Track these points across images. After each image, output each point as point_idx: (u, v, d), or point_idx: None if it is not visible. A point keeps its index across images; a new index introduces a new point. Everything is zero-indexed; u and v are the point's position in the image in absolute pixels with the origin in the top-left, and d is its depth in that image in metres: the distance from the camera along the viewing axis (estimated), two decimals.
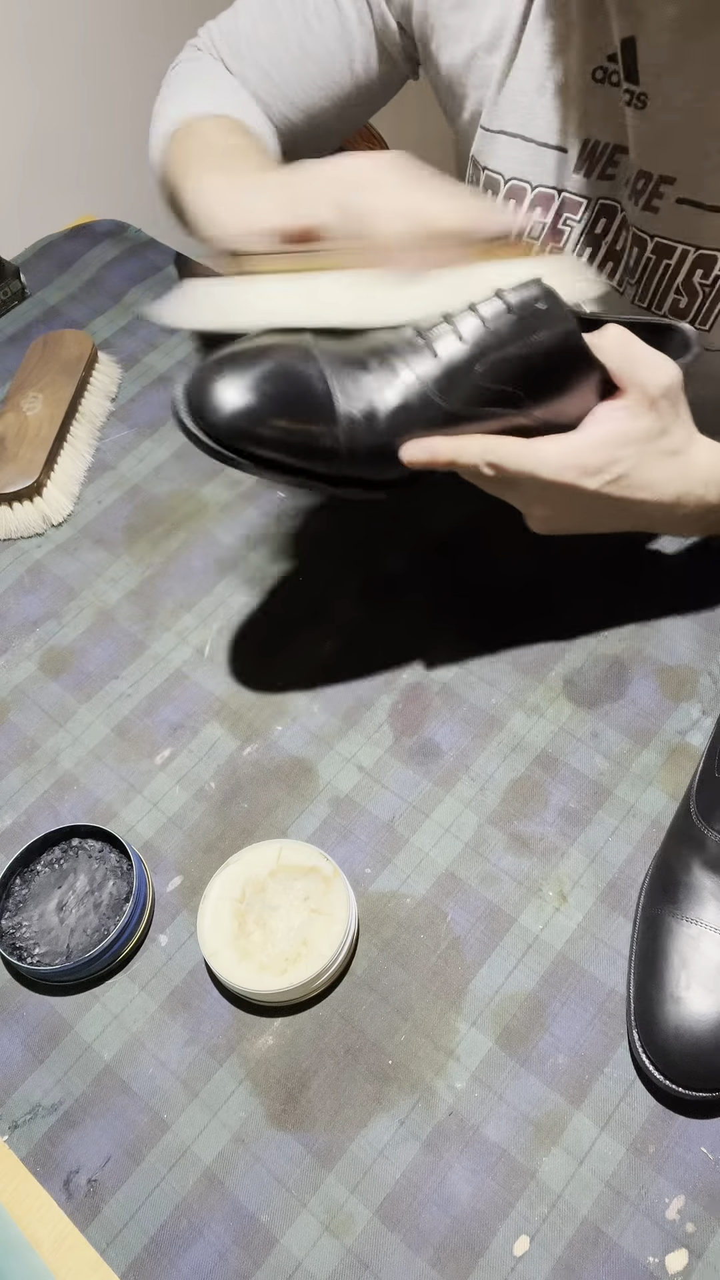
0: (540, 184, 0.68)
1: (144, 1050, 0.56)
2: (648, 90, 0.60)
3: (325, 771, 0.65)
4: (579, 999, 0.55)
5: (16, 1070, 0.56)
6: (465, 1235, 0.50)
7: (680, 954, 0.52)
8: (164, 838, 0.64)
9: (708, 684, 0.66)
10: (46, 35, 1.28)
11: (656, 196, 0.63)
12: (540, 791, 0.63)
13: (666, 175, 0.62)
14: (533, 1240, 0.49)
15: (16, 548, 0.80)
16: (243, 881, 0.57)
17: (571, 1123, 0.52)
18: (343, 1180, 0.51)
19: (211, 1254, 0.50)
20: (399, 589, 0.73)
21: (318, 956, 0.54)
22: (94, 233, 1.02)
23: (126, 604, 0.75)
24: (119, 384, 0.89)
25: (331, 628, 0.71)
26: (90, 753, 0.68)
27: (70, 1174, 0.53)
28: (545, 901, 0.59)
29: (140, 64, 1.41)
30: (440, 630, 0.70)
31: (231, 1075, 0.55)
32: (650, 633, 0.68)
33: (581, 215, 0.68)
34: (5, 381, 0.91)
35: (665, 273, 0.65)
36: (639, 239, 0.65)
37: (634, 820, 0.61)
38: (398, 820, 0.62)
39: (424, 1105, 0.53)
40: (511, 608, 0.70)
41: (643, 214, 0.64)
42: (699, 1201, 0.49)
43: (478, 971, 0.57)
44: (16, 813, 0.66)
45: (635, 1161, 0.51)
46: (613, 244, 0.68)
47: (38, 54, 1.28)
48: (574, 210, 0.68)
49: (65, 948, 0.58)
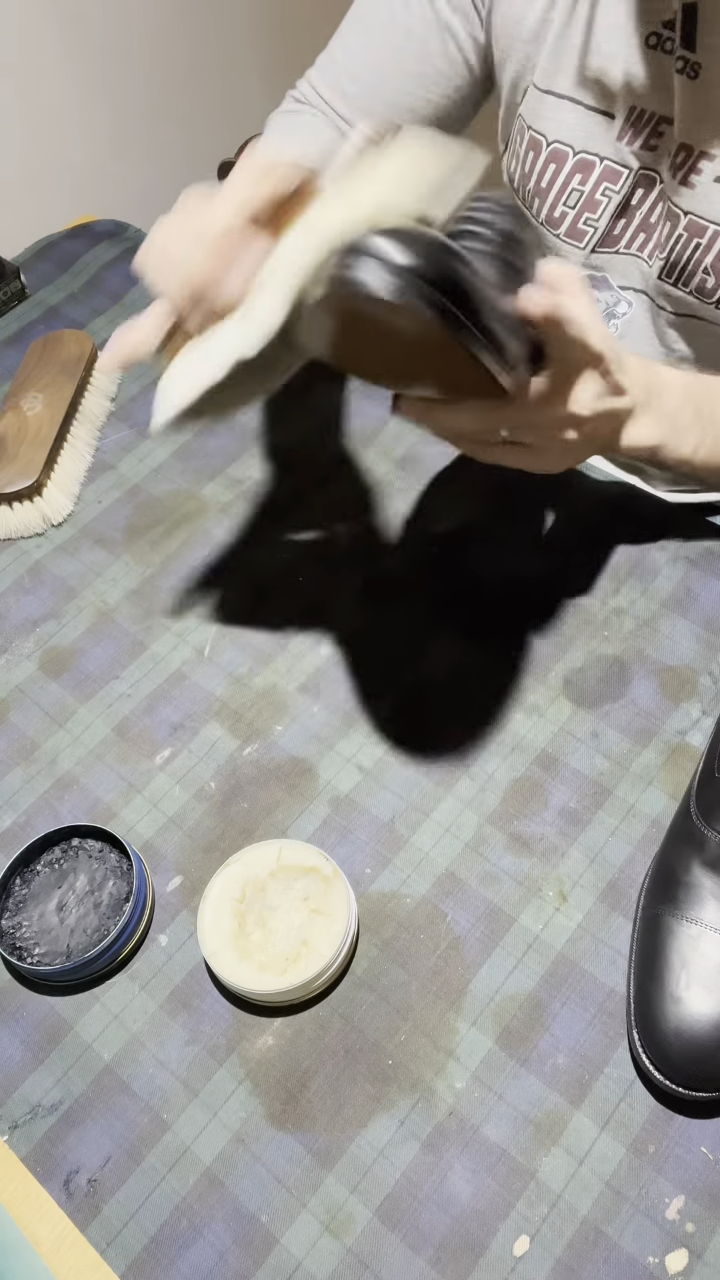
0: (583, 149, 0.68)
1: (144, 1050, 0.56)
2: (703, 60, 0.59)
3: (325, 771, 0.65)
4: (579, 999, 0.55)
5: (16, 1070, 0.56)
6: (465, 1235, 0.50)
7: (680, 954, 0.52)
8: (164, 838, 0.64)
9: (708, 684, 0.66)
10: (47, 35, 1.28)
11: (694, 171, 0.62)
12: (540, 791, 0.63)
13: (707, 151, 0.61)
14: (533, 1240, 0.49)
15: (16, 548, 0.80)
16: (243, 881, 0.57)
17: (571, 1123, 0.52)
18: (343, 1180, 0.51)
19: (211, 1254, 0.50)
20: (399, 589, 0.73)
21: (318, 956, 0.54)
22: (94, 233, 1.02)
23: (126, 604, 0.75)
24: (119, 384, 0.89)
25: (331, 628, 0.71)
26: (90, 753, 0.68)
27: (70, 1174, 0.53)
28: (545, 901, 0.59)
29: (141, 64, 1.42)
30: (440, 630, 0.70)
31: (231, 1075, 0.55)
32: (650, 633, 0.68)
33: (621, 185, 0.68)
34: (5, 381, 0.91)
35: (695, 251, 0.65)
36: (672, 213, 0.65)
37: (634, 820, 0.61)
38: (398, 820, 0.62)
39: (424, 1105, 0.53)
40: (512, 608, 0.70)
41: (679, 188, 0.63)
42: (699, 1201, 0.49)
43: (478, 971, 0.57)
44: (16, 813, 0.66)
45: (635, 1161, 0.51)
46: (647, 216, 0.68)
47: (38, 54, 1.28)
48: (613, 180, 0.68)
49: (65, 948, 0.58)
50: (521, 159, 0.72)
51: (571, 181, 0.69)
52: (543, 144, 0.69)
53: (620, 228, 0.70)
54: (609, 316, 0.75)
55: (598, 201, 0.69)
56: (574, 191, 0.70)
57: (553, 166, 0.70)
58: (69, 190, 1.39)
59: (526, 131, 0.70)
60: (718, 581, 0.70)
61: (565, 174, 0.69)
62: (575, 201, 0.70)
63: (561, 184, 0.70)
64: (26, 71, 1.27)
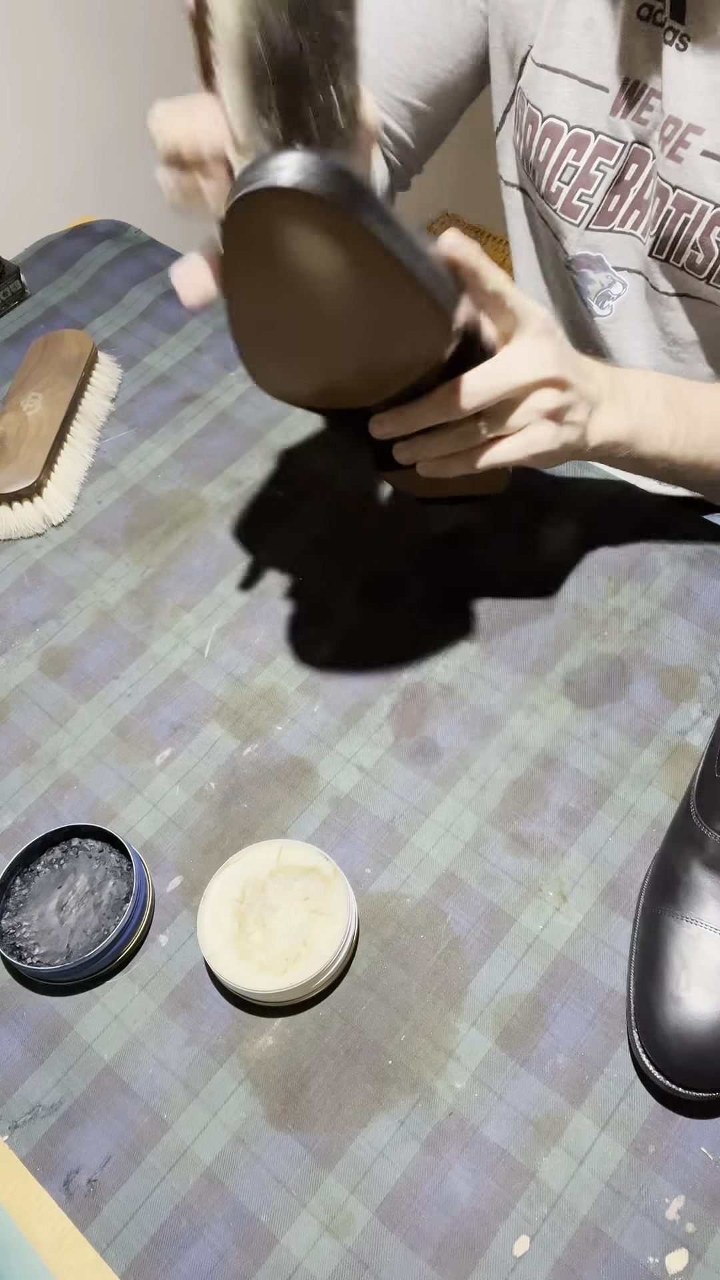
0: (578, 124, 0.68)
1: (144, 1050, 0.56)
2: (691, 32, 0.59)
3: (325, 771, 0.65)
4: (579, 999, 0.55)
5: (16, 1070, 0.56)
6: (465, 1235, 0.50)
7: (680, 954, 0.52)
8: (164, 838, 0.64)
9: (708, 684, 0.66)
10: (47, 35, 1.28)
11: (682, 145, 0.62)
12: (540, 791, 0.63)
13: (695, 124, 0.61)
14: (533, 1240, 0.49)
15: (16, 548, 0.80)
16: (243, 882, 0.57)
17: (571, 1123, 0.52)
18: (343, 1180, 0.51)
19: (211, 1254, 0.50)
20: (399, 589, 0.73)
21: (318, 956, 0.54)
22: (94, 233, 1.02)
23: (126, 604, 0.75)
24: (119, 384, 0.89)
25: (331, 628, 0.71)
26: (90, 753, 0.68)
27: (70, 1174, 0.53)
28: (545, 901, 0.59)
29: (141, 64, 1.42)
30: (440, 630, 0.70)
31: (231, 1075, 0.55)
32: (650, 633, 0.68)
33: (615, 160, 0.67)
34: (5, 381, 0.91)
35: (684, 226, 0.65)
36: (662, 189, 0.65)
37: (634, 820, 0.61)
38: (398, 820, 0.62)
39: (424, 1105, 0.53)
40: (512, 608, 0.70)
41: (667, 162, 0.63)
42: (699, 1201, 0.49)
43: (478, 971, 0.57)
44: (16, 813, 0.66)
45: (635, 1161, 0.51)
46: (640, 193, 0.68)
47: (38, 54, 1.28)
48: (608, 155, 0.68)
49: (65, 948, 0.58)
50: (523, 132, 0.72)
51: (566, 156, 0.69)
52: (539, 118, 0.69)
53: (615, 204, 0.70)
54: (604, 298, 0.75)
55: (592, 177, 0.69)
56: (569, 167, 0.69)
57: (549, 141, 0.69)
58: (69, 190, 1.39)
59: (526, 105, 0.70)
60: (718, 581, 0.70)
61: (560, 149, 0.69)
62: (570, 177, 0.70)
63: (557, 159, 0.70)
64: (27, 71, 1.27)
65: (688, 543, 0.72)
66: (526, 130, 0.71)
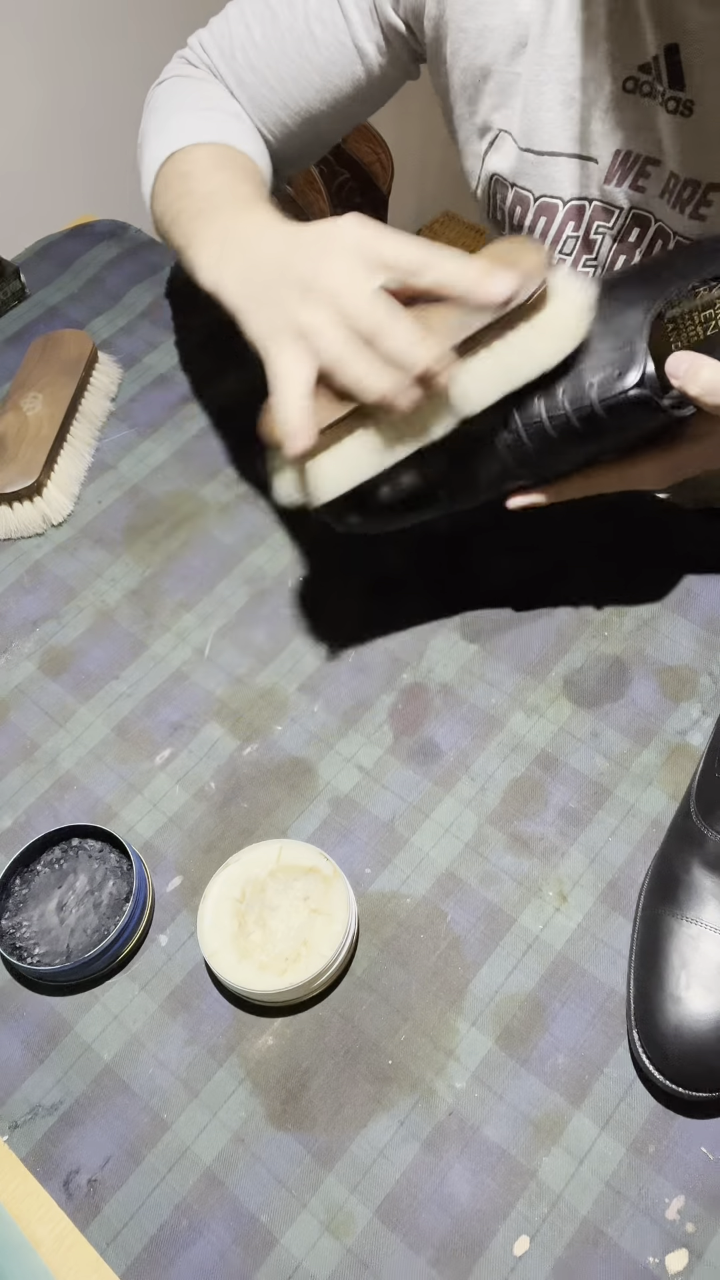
0: (572, 197, 0.67)
1: (144, 1050, 0.56)
2: (695, 97, 0.58)
3: (325, 771, 0.65)
4: (579, 999, 0.55)
5: (16, 1070, 0.56)
6: (465, 1235, 0.50)
7: (680, 954, 0.52)
8: (164, 838, 0.64)
9: (708, 684, 0.66)
10: (47, 35, 1.28)
11: (705, 204, 0.61)
12: (540, 791, 0.63)
13: (717, 183, 0.61)
14: (533, 1240, 0.49)
15: (16, 548, 0.80)
16: (243, 881, 0.57)
17: (571, 1123, 0.52)
18: (343, 1180, 0.51)
19: (211, 1254, 0.50)
20: (399, 589, 0.73)
21: (318, 956, 0.54)
22: (94, 233, 1.02)
23: (126, 604, 0.75)
24: (119, 384, 0.89)
25: (331, 628, 0.71)
26: (90, 753, 0.68)
27: (70, 1174, 0.53)
28: (545, 901, 0.59)
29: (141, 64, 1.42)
30: (440, 630, 0.70)
31: (231, 1075, 0.55)
32: (650, 633, 0.68)
33: (614, 222, 0.67)
34: (5, 381, 0.91)
35: None
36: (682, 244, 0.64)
37: (634, 820, 0.61)
38: (398, 820, 0.62)
39: (424, 1105, 0.53)
40: (512, 607, 0.70)
41: (690, 223, 0.63)
42: (699, 1201, 0.49)
43: (478, 971, 0.57)
44: (16, 813, 0.66)
45: (635, 1161, 0.51)
46: (648, 252, 0.67)
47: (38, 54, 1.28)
48: (605, 218, 0.67)
49: (65, 948, 0.58)
50: (507, 211, 0.71)
51: (565, 229, 0.69)
52: (530, 199, 0.69)
53: (622, 262, 0.69)
54: None
55: (593, 241, 0.69)
56: (569, 239, 0.70)
57: (544, 219, 0.69)
58: (69, 190, 1.39)
59: (510, 188, 0.69)
60: (718, 581, 0.70)
61: (558, 224, 0.69)
62: (572, 248, 0.70)
63: (555, 234, 0.70)
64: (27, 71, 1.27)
65: (688, 542, 0.72)
66: (514, 210, 0.70)
